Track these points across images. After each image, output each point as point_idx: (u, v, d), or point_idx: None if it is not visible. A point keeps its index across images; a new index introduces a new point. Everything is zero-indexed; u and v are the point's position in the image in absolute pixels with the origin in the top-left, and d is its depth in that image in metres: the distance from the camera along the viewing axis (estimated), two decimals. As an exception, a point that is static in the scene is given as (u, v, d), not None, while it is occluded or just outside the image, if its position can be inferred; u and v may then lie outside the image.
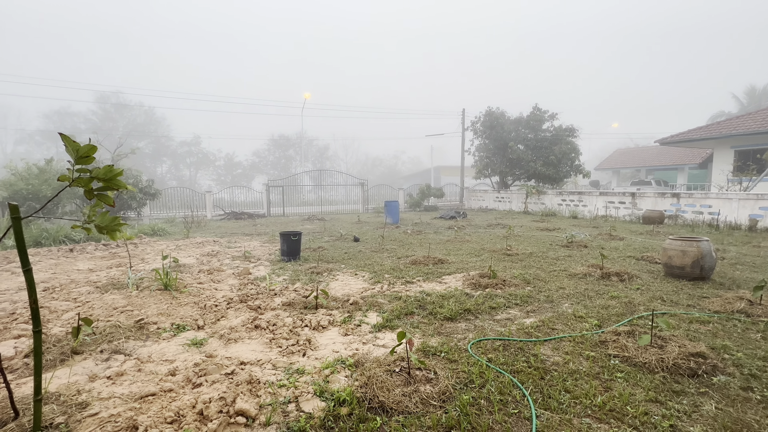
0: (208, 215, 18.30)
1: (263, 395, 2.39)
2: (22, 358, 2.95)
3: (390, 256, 7.16)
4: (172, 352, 3.08)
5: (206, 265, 6.58)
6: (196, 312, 4.07)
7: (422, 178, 41.48)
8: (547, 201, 18.37)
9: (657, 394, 2.39)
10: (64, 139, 1.80)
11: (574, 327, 3.53)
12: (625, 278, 5.19)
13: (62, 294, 4.77)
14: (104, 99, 45.35)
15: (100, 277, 5.66)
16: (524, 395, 2.38)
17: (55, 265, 6.64)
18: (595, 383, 2.51)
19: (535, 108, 21.19)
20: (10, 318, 3.88)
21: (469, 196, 24.56)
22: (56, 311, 4.08)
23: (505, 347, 3.10)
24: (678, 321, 3.65)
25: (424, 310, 4.03)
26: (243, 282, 5.37)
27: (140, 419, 2.09)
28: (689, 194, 12.76)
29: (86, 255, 7.66)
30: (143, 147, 43.37)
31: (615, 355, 2.90)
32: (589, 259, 6.59)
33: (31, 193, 11.59)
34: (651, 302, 4.23)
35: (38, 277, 5.63)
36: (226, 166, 49.97)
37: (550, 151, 19.89)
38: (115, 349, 3.09)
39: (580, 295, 4.54)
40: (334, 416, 2.19)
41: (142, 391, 2.43)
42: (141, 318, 3.80)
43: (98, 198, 1.95)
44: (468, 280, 5.17)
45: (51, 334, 3.39)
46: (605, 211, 15.30)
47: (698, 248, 5.02)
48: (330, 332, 3.50)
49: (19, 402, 2.22)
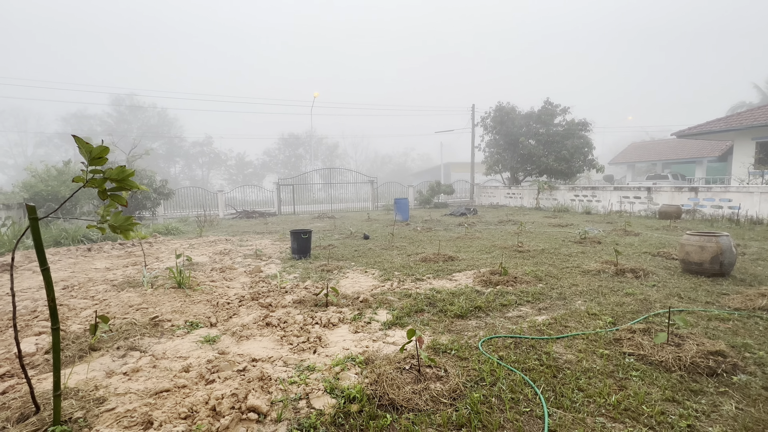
0: (221, 214, 18.56)
1: (274, 392, 2.42)
2: (42, 354, 3.05)
3: (400, 254, 7.15)
4: (186, 349, 3.13)
5: (219, 263, 6.67)
6: (208, 309, 4.13)
7: (432, 175, 41.27)
8: (560, 197, 18.08)
9: (674, 393, 2.33)
10: (77, 142, 1.84)
11: (587, 324, 3.46)
12: (641, 275, 5.07)
13: (80, 292, 4.90)
14: (119, 101, 46.34)
15: (116, 276, 5.80)
16: (536, 393, 2.35)
17: (73, 264, 6.83)
18: (609, 382, 2.46)
19: (547, 102, 20.84)
20: (31, 315, 4.00)
21: (480, 193, 24.34)
22: (75, 309, 4.20)
23: (517, 345, 3.07)
24: (696, 318, 3.55)
25: (434, 308, 4.02)
26: (254, 280, 5.43)
27: (155, 414, 2.14)
28: (708, 188, 12.39)
29: (103, 254, 7.85)
30: (157, 148, 44.21)
31: (630, 353, 2.84)
32: (603, 256, 6.46)
33: (50, 195, 11.93)
34: (667, 299, 4.12)
35: (58, 275, 5.80)
36: (237, 165, 50.60)
37: (562, 146, 19.56)
38: (131, 346, 3.16)
39: (594, 292, 4.46)
40: (344, 413, 2.20)
41: (156, 387, 2.48)
42: (156, 315, 3.88)
43: (111, 198, 1.99)
44: (478, 277, 5.12)
45: (70, 331, 3.49)
46: (620, 206, 14.98)
47: (717, 244, 4.87)
48: (340, 330, 3.52)
49: (40, 397, 2.29)
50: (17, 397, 2.34)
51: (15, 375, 2.72)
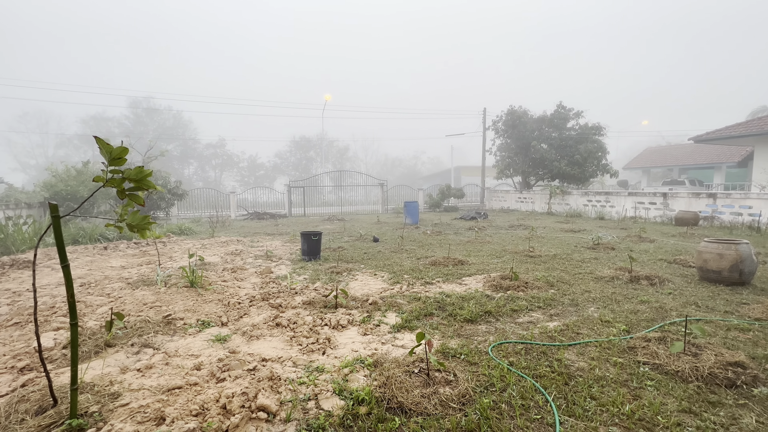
0: (232, 215, 18.81)
1: (284, 392, 2.43)
2: (60, 349, 3.13)
3: (409, 257, 7.14)
4: (198, 347, 3.18)
5: (230, 263, 6.76)
6: (220, 309, 4.19)
7: (442, 179, 41.12)
8: (572, 201, 17.81)
9: (691, 404, 2.26)
10: (98, 142, 1.89)
11: (600, 332, 3.40)
12: (656, 282, 4.95)
13: (97, 289, 5.02)
14: (136, 104, 47.50)
15: (131, 274, 5.93)
16: (547, 401, 2.31)
17: (90, 261, 7.00)
18: (622, 391, 2.41)
19: (560, 106, 20.60)
20: (50, 311, 4.12)
21: (490, 197, 24.15)
22: (91, 305, 4.30)
23: (527, 351, 3.03)
24: (714, 328, 3.46)
25: (443, 312, 3.99)
26: (265, 280, 5.48)
27: (167, 411, 2.17)
28: (727, 194, 12.06)
29: (119, 252, 8.03)
30: (172, 149, 45.08)
31: (645, 362, 2.77)
32: (617, 262, 6.34)
33: (69, 194, 12.28)
34: (684, 308, 4.02)
35: (75, 273, 5.96)
36: (249, 167, 51.25)
37: (575, 150, 19.29)
38: (145, 343, 3.22)
39: (607, 298, 4.37)
40: (352, 415, 2.20)
41: (169, 383, 2.53)
42: (169, 314, 3.95)
43: (129, 198, 2.04)
44: (489, 281, 5.08)
45: (86, 327, 3.58)
46: (634, 212, 14.68)
47: (737, 251, 4.73)
48: (349, 331, 3.52)
49: (57, 390, 2.35)
50: (36, 390, 2.40)
51: (34, 369, 2.80)
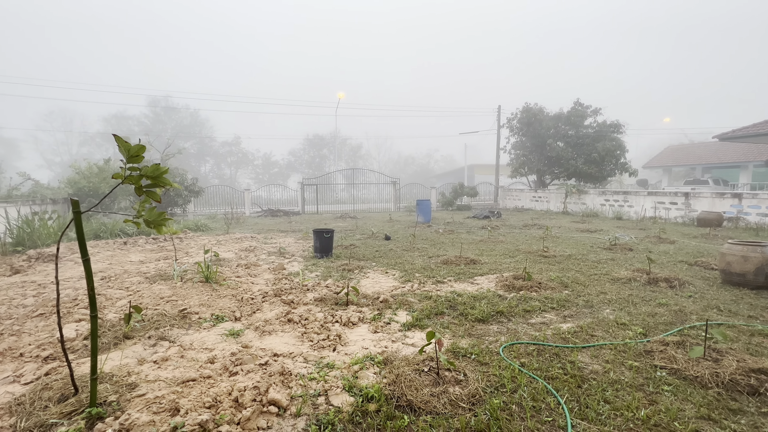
0: (247, 212, 19.12)
1: (294, 387, 2.47)
2: (81, 340, 3.24)
3: (421, 255, 7.12)
4: (212, 341, 3.25)
5: (244, 259, 6.88)
6: (233, 304, 4.26)
7: (455, 177, 40.78)
8: (589, 201, 17.43)
9: (710, 411, 2.19)
10: (117, 140, 1.95)
11: (615, 335, 3.32)
12: (676, 284, 4.81)
13: (116, 283, 5.18)
14: (155, 103, 48.69)
15: (149, 269, 6.09)
16: (559, 403, 2.28)
17: (111, 256, 7.23)
18: (638, 395, 2.35)
19: (577, 103, 20.17)
20: (72, 303, 4.27)
21: (504, 196, 23.84)
22: (111, 299, 4.44)
23: (540, 352, 2.98)
24: (737, 333, 3.33)
25: (454, 311, 3.97)
26: (278, 277, 5.56)
27: (181, 402, 2.23)
28: (753, 194, 11.60)
29: (138, 248, 8.27)
30: (189, 147, 46.07)
31: (662, 366, 2.70)
32: (635, 263, 6.18)
33: (91, 190, 12.70)
34: (705, 311, 3.89)
35: (96, 267, 6.16)
36: (263, 165, 51.96)
37: (592, 149, 18.85)
38: (161, 336, 3.31)
39: (624, 301, 4.27)
40: (362, 412, 2.21)
41: (183, 376, 2.59)
42: (184, 308, 4.05)
43: (147, 194, 2.09)
44: (501, 281, 5.02)
45: (106, 319, 3.70)
46: (654, 212, 14.26)
47: (763, 254, 4.55)
48: (360, 329, 3.54)
49: (78, 380, 2.44)
50: (59, 379, 2.50)
51: (57, 358, 2.91)
